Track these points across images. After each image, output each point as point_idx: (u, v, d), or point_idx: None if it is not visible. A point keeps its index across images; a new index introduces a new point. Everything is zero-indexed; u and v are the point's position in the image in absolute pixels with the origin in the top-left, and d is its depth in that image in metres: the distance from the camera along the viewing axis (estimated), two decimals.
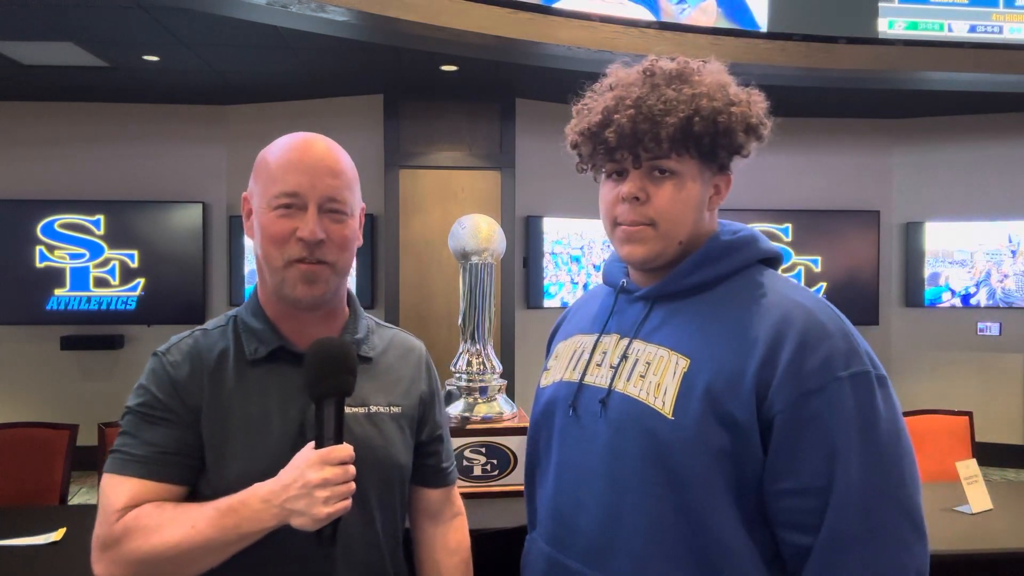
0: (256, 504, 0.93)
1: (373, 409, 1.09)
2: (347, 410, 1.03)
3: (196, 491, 1.01)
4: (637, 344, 1.01)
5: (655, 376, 0.96)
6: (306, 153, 1.02)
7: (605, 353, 1.04)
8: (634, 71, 1.02)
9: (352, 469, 0.94)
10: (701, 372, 0.92)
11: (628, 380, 0.98)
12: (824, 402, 0.87)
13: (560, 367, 1.11)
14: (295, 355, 1.04)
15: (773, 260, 1.05)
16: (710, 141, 0.96)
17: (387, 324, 1.23)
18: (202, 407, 1.00)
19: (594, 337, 1.08)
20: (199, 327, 1.09)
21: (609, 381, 1.00)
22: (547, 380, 1.14)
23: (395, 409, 1.11)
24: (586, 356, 1.07)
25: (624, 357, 1.01)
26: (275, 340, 1.04)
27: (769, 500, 0.91)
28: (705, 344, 0.94)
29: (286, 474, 0.93)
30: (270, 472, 0.95)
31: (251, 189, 1.06)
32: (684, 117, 0.94)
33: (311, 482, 0.91)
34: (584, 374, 1.05)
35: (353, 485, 0.94)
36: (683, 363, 0.94)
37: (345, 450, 0.94)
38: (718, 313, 0.97)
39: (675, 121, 0.94)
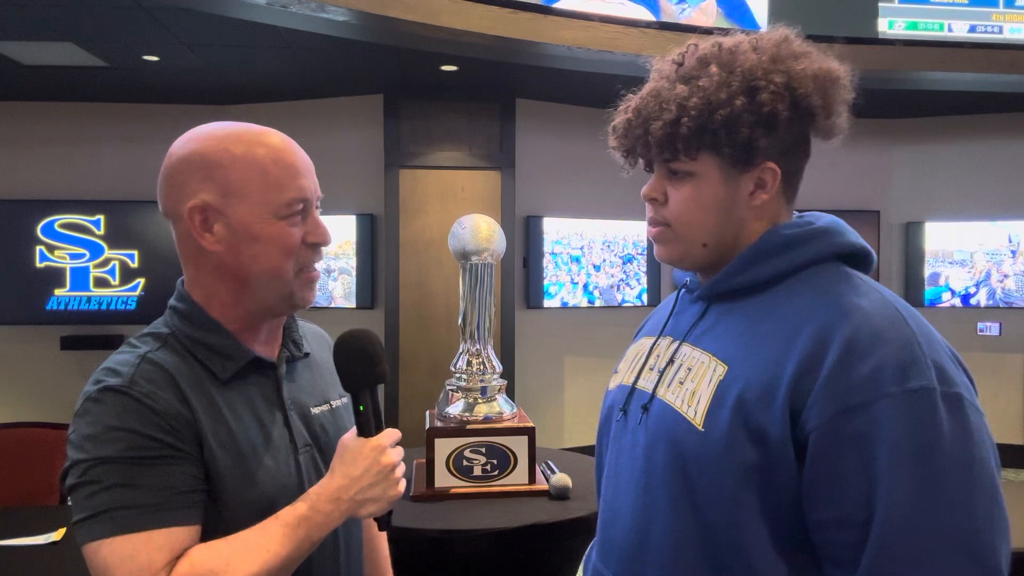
0: (326, 507, 0.90)
1: (335, 404, 1.09)
2: (314, 410, 1.04)
3: (206, 525, 0.91)
4: (685, 348, 0.94)
5: (692, 383, 0.89)
6: (295, 153, 0.97)
7: (658, 356, 0.99)
8: (669, 60, 0.96)
9: (402, 449, 0.97)
10: (736, 380, 0.84)
11: (668, 386, 0.92)
12: (869, 421, 0.75)
13: (624, 370, 1.07)
14: (263, 364, 1.00)
15: (855, 257, 0.92)
16: (711, 140, 0.87)
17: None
18: (203, 436, 0.90)
19: (654, 339, 1.03)
20: (133, 351, 0.94)
21: (653, 386, 0.95)
22: (613, 383, 1.10)
23: (345, 400, 1.12)
24: (643, 359, 1.02)
25: (671, 361, 0.95)
26: (245, 353, 0.97)
27: (809, 529, 0.81)
28: (747, 349, 0.85)
29: (350, 467, 0.92)
30: (283, 486, 0.95)
31: (220, 196, 0.93)
32: (670, 120, 0.88)
33: (387, 466, 0.92)
34: (638, 378, 1.01)
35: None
36: (721, 369, 0.86)
37: (397, 432, 0.96)
38: (768, 315, 0.87)
39: (661, 124, 0.89)
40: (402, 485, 0.95)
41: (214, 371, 0.95)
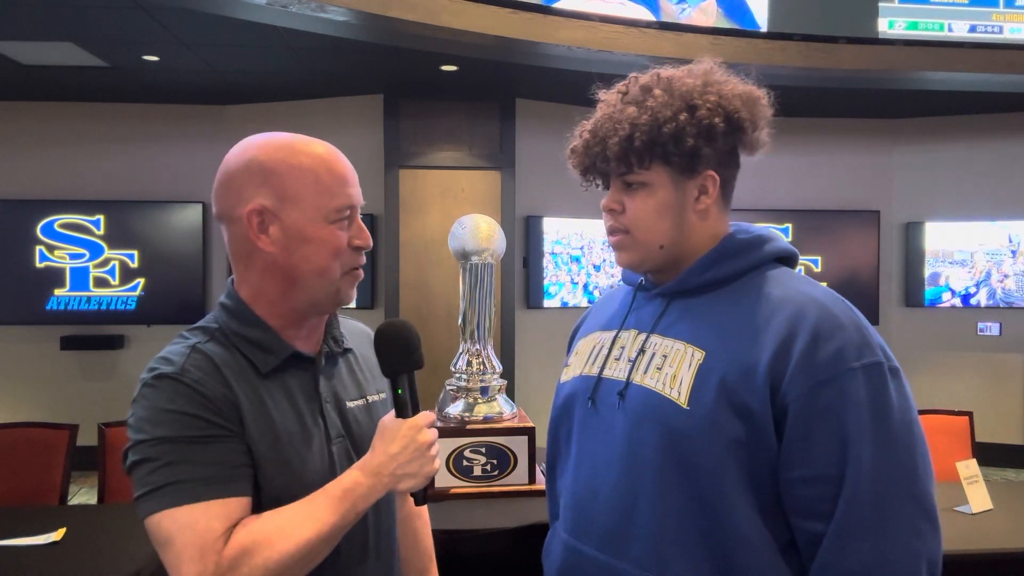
0: (368, 480, 0.96)
1: (370, 399, 1.15)
2: (349, 404, 1.11)
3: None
4: (655, 338, 1.05)
5: (671, 368, 0.99)
6: (344, 163, 1.06)
7: (623, 348, 1.09)
8: (615, 91, 1.08)
9: (436, 431, 1.04)
10: (716, 364, 0.96)
11: (645, 373, 1.02)
12: (837, 392, 0.90)
13: (579, 363, 1.16)
14: (303, 358, 1.06)
15: (789, 259, 1.09)
16: (662, 151, 1.00)
17: None
18: (245, 422, 0.97)
19: (613, 333, 1.12)
20: (184, 342, 1.01)
21: (627, 374, 1.04)
22: (567, 375, 1.19)
23: (382, 395, 1.18)
24: (605, 351, 1.11)
25: (642, 351, 1.05)
26: (285, 348, 1.04)
27: (783, 488, 0.93)
28: (720, 337, 0.98)
29: (389, 445, 0.98)
30: (316, 473, 1.00)
31: (276, 201, 1.00)
32: (624, 136, 1.00)
33: (424, 444, 0.99)
34: (603, 368, 1.09)
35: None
36: (699, 355, 0.98)
37: (432, 414, 1.03)
38: (733, 308, 1.00)
39: (617, 140, 1.01)
40: (437, 463, 1.02)
41: (256, 364, 1.02)
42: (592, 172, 1.08)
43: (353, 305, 1.15)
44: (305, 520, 0.93)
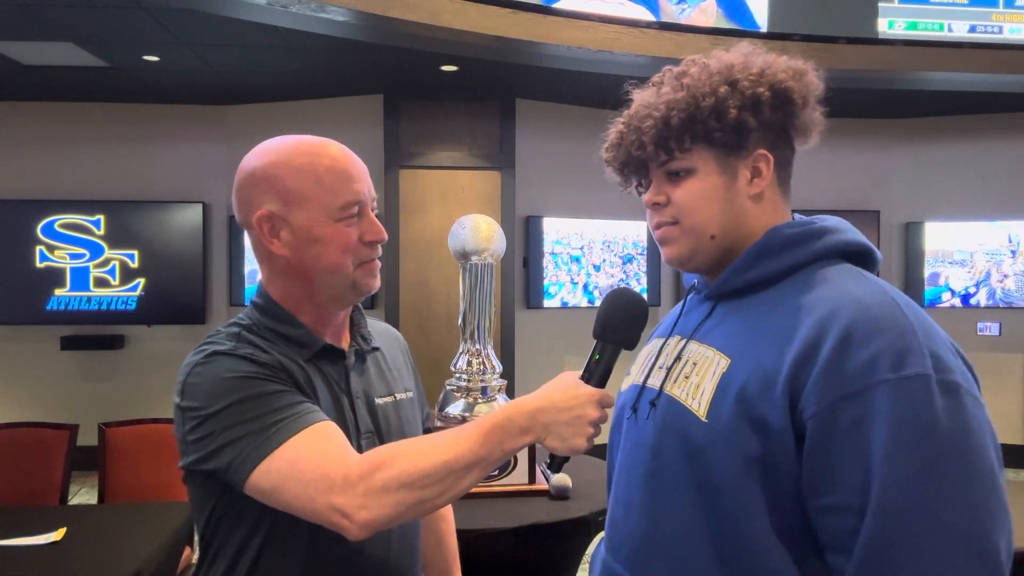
0: (521, 420, 0.93)
1: (399, 397, 1.16)
2: (379, 400, 1.11)
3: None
4: (692, 345, 0.97)
5: (697, 377, 0.91)
6: (349, 160, 1.06)
7: (667, 355, 1.01)
8: (649, 84, 1.01)
9: (608, 415, 0.99)
10: (738, 372, 0.86)
11: (675, 381, 0.95)
12: (865, 407, 0.75)
13: (635, 372, 1.09)
14: (335, 352, 1.08)
15: (859, 255, 0.95)
16: (703, 128, 0.91)
17: None
18: (301, 387, 1.00)
19: (663, 340, 1.06)
20: (226, 331, 1.04)
21: (661, 382, 0.98)
22: (624, 385, 1.11)
23: (409, 394, 1.19)
24: (652, 359, 1.05)
25: (678, 358, 0.97)
26: (317, 341, 1.06)
27: (812, 517, 0.81)
28: (749, 343, 0.88)
29: (558, 396, 0.95)
30: None
31: (282, 205, 1.02)
32: (660, 117, 0.92)
33: (588, 417, 0.94)
34: (647, 376, 1.03)
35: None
36: (724, 363, 0.89)
37: (612, 398, 0.99)
38: (771, 310, 0.89)
39: (652, 123, 0.93)
40: (587, 444, 0.96)
41: (293, 356, 1.04)
42: (631, 166, 0.98)
43: None
44: (447, 444, 0.92)
